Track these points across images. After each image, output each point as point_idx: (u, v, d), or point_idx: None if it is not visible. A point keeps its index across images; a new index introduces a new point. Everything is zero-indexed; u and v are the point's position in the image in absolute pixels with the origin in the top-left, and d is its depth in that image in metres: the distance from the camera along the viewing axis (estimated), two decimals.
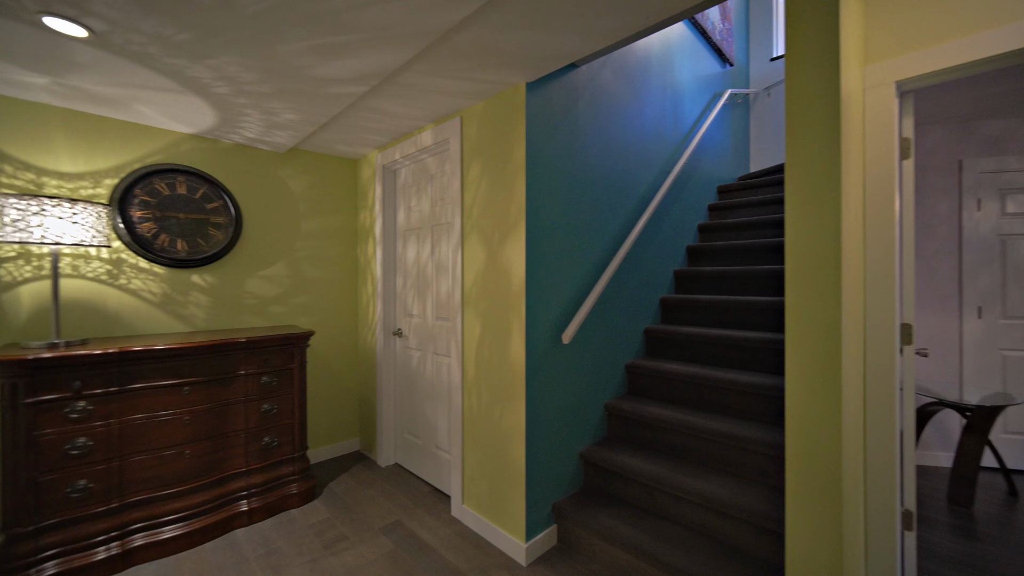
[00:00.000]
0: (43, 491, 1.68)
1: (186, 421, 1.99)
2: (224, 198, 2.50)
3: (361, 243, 3.09)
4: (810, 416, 1.18)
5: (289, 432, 2.33)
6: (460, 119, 2.20)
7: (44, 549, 1.67)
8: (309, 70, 1.71)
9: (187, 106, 2.05)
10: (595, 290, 2.13)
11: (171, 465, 1.96)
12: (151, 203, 2.26)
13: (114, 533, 1.80)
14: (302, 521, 2.19)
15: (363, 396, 3.08)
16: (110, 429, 1.81)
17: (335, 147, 2.82)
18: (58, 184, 2.05)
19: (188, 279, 2.41)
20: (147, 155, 2.28)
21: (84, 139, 2.11)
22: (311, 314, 2.90)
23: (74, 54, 1.59)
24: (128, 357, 1.83)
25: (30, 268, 1.97)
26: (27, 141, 1.97)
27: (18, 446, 1.63)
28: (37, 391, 1.66)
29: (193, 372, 2.02)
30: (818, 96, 1.22)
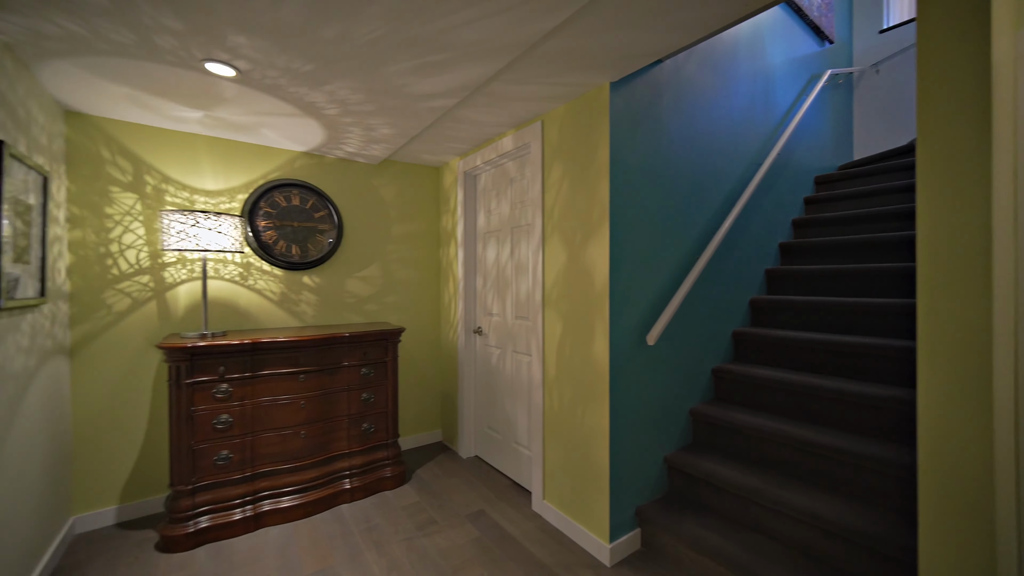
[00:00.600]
0: (198, 457, 2.01)
1: (302, 405, 2.26)
2: (329, 207, 2.79)
3: (443, 246, 3.27)
4: (950, 433, 1.05)
5: (384, 420, 2.55)
6: (541, 123, 2.26)
7: (198, 506, 2.00)
8: (407, 88, 1.87)
9: (303, 128, 2.32)
10: (680, 290, 2.07)
11: (289, 443, 2.24)
12: (272, 214, 2.60)
13: (248, 498, 2.11)
14: (396, 503, 2.38)
15: (445, 390, 3.26)
16: (244, 408, 2.12)
17: (421, 156, 3.02)
18: (204, 200, 2.43)
19: (300, 280, 2.73)
20: (269, 172, 2.62)
21: (223, 161, 2.48)
22: (399, 312, 3.13)
23: (222, 90, 1.88)
24: (259, 347, 2.13)
25: (185, 271, 2.37)
26: (183, 165, 2.37)
27: (181, 419, 1.97)
28: (194, 374, 1.99)
29: (307, 362, 2.29)
30: (960, 65, 1.08)
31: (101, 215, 2.16)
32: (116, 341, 2.19)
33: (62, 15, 1.35)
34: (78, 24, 1.39)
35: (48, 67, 1.67)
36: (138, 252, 2.25)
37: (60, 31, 1.43)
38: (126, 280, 2.22)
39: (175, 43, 1.50)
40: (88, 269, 2.13)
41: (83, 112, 2.11)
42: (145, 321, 2.26)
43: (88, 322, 2.13)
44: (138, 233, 2.25)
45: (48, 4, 1.30)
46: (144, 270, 2.26)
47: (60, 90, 1.87)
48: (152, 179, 2.28)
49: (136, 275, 2.24)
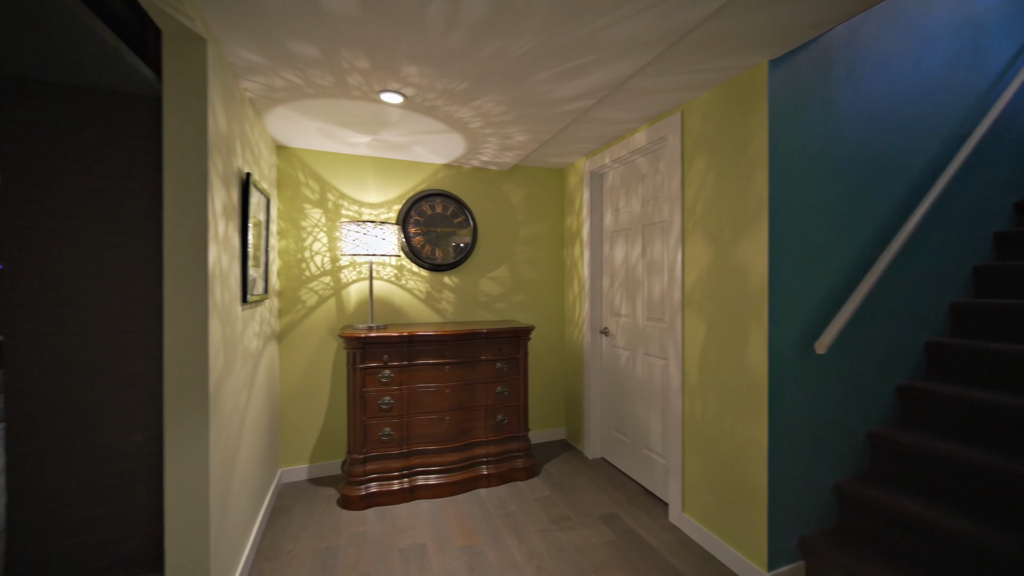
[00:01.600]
0: (368, 432, 2.35)
1: (447, 393, 2.50)
2: (466, 213, 3.03)
3: (567, 246, 3.31)
4: None
5: (516, 413, 2.67)
6: (680, 114, 2.14)
7: (368, 473, 2.34)
8: (547, 94, 1.93)
9: (447, 142, 2.56)
10: (857, 292, 1.77)
11: (437, 427, 2.48)
12: (420, 221, 2.92)
13: (405, 472, 2.40)
14: (528, 494, 2.48)
15: (569, 389, 3.29)
16: (403, 393, 2.42)
17: (547, 159, 3.10)
18: (369, 212, 2.84)
19: (441, 280, 3.02)
20: (418, 184, 2.95)
21: (383, 177, 2.86)
22: (526, 311, 3.26)
23: (388, 116, 2.17)
24: (413, 339, 2.41)
25: (355, 273, 2.80)
26: (354, 183, 2.80)
27: (356, 398, 2.33)
28: (366, 360, 2.34)
29: (450, 354, 2.52)
30: None
31: (298, 227, 2.67)
32: (307, 330, 2.69)
33: (289, 71, 1.70)
34: (298, 76, 1.74)
35: (272, 112, 2.12)
36: (323, 257, 2.72)
37: (285, 83, 1.81)
38: (314, 280, 2.71)
39: (361, 80, 1.79)
40: (290, 271, 2.65)
41: (287, 145, 2.62)
42: (327, 314, 2.73)
43: (290, 314, 2.65)
44: (323, 241, 2.72)
45: (281, 64, 1.65)
46: (326, 272, 2.73)
47: (275, 129, 2.36)
48: (332, 196, 2.75)
49: (321, 276, 2.72)
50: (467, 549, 1.96)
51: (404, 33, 1.45)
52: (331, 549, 1.96)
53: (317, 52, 1.56)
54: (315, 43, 1.51)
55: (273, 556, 1.91)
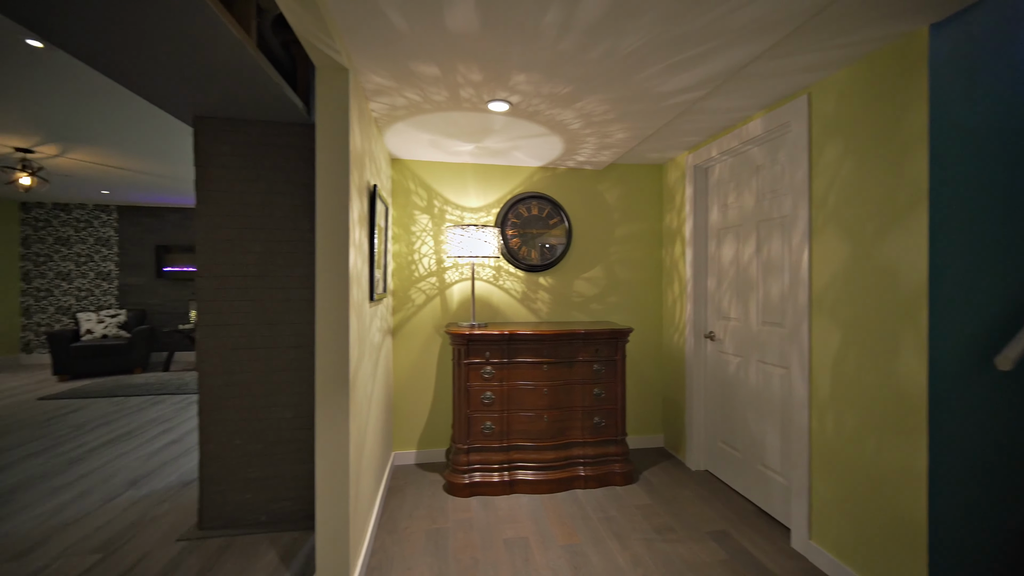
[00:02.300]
0: (471, 424, 2.49)
1: (544, 392, 2.54)
2: (561, 214, 3.05)
3: (666, 245, 3.16)
4: None
5: (613, 416, 2.62)
6: (807, 97, 1.92)
7: (471, 463, 2.47)
8: (655, 88, 1.87)
9: (546, 145, 2.61)
10: None
11: (535, 424, 2.54)
12: (517, 223, 3.00)
13: (505, 465, 2.49)
14: (627, 500, 2.41)
15: (668, 395, 3.14)
16: (503, 389, 2.51)
17: (646, 156, 2.99)
18: (470, 216, 3.00)
19: (536, 280, 3.08)
20: (515, 187, 3.05)
21: (483, 183, 3.01)
22: (621, 312, 3.18)
23: (492, 124, 2.28)
24: (513, 338, 2.49)
25: (457, 274, 2.97)
26: (456, 189, 2.97)
27: (460, 391, 2.48)
28: (470, 356, 2.48)
29: (548, 354, 2.55)
30: None
31: (409, 232, 2.92)
32: (417, 326, 2.92)
33: (410, 89, 1.87)
34: (417, 93, 1.91)
35: (391, 129, 2.35)
36: (429, 259, 2.94)
37: (406, 101, 1.99)
38: (422, 280, 2.93)
39: (472, 92, 1.90)
40: (401, 272, 2.91)
41: (400, 157, 2.88)
42: (433, 312, 2.94)
43: (402, 311, 2.91)
44: (429, 244, 2.94)
45: (404, 84, 1.82)
46: (432, 273, 2.94)
47: (392, 144, 2.61)
48: (438, 202, 2.95)
49: (428, 277, 2.94)
50: (569, 548, 1.97)
51: (517, 43, 1.51)
52: (441, 531, 2.11)
53: (437, 70, 1.70)
54: (436, 62, 1.64)
55: (392, 530, 2.11)
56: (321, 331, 1.56)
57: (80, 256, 6.27)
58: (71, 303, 6.26)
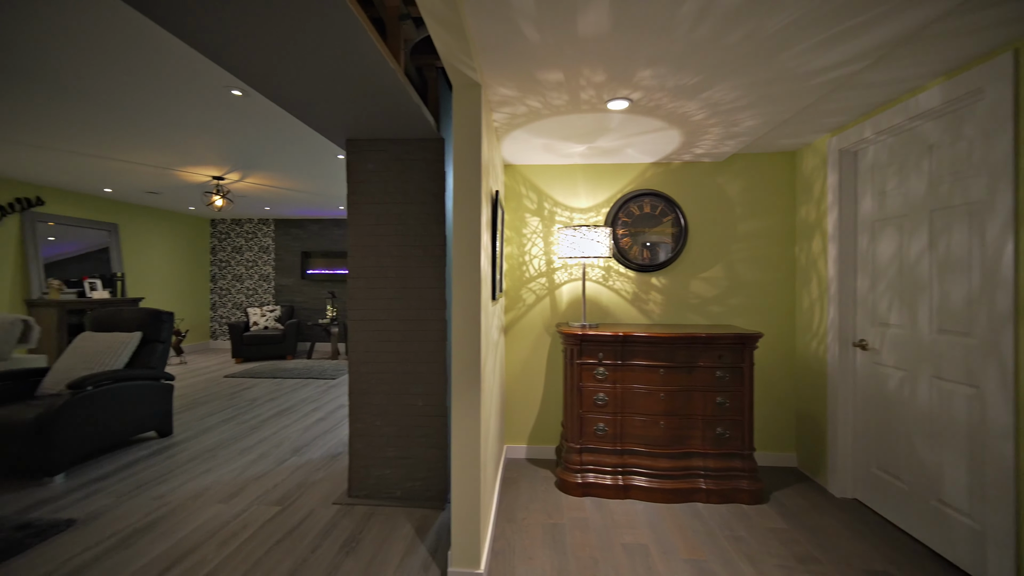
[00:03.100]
0: (583, 424, 2.49)
1: (661, 397, 2.44)
2: (675, 212, 2.91)
3: (801, 241, 2.81)
4: None
5: (739, 428, 2.42)
6: (1013, 53, 1.57)
7: (585, 463, 2.48)
8: (800, 68, 1.68)
9: (662, 140, 2.50)
10: None
11: (650, 429, 2.45)
12: (628, 222, 2.93)
13: (619, 469, 2.45)
14: (758, 521, 2.20)
15: (804, 410, 2.79)
16: (616, 391, 2.47)
17: (776, 143, 2.70)
18: (580, 217, 3.01)
19: (648, 281, 2.97)
20: (625, 186, 2.98)
21: (592, 183, 2.99)
22: (745, 315, 2.91)
23: (608, 123, 2.26)
24: (628, 340, 2.44)
25: (566, 275, 3.01)
26: (566, 191, 3.01)
27: (572, 391, 2.50)
28: (582, 356, 2.49)
29: (663, 357, 2.45)
30: None
31: (520, 234, 3.03)
32: (527, 325, 3.02)
33: (533, 97, 1.95)
34: (538, 100, 1.98)
35: (509, 136, 2.46)
36: (539, 260, 3.02)
37: (527, 109, 2.08)
38: (532, 281, 3.02)
39: (592, 93, 1.91)
40: (513, 273, 3.03)
41: (512, 163, 3.01)
42: (543, 311, 3.01)
43: (513, 311, 3.03)
44: (539, 246, 3.02)
45: (528, 93, 1.90)
46: (542, 274, 3.02)
47: (507, 150, 2.74)
48: (547, 204, 3.02)
49: (538, 277, 3.02)
50: (694, 563, 1.87)
51: (647, 38, 1.48)
52: (558, 527, 2.15)
53: (560, 75, 1.74)
54: (561, 68, 1.68)
55: (511, 519, 2.21)
56: (456, 328, 1.70)
57: (248, 261, 7.67)
58: (242, 300, 7.68)
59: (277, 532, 2.07)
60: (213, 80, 2.40)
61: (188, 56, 2.15)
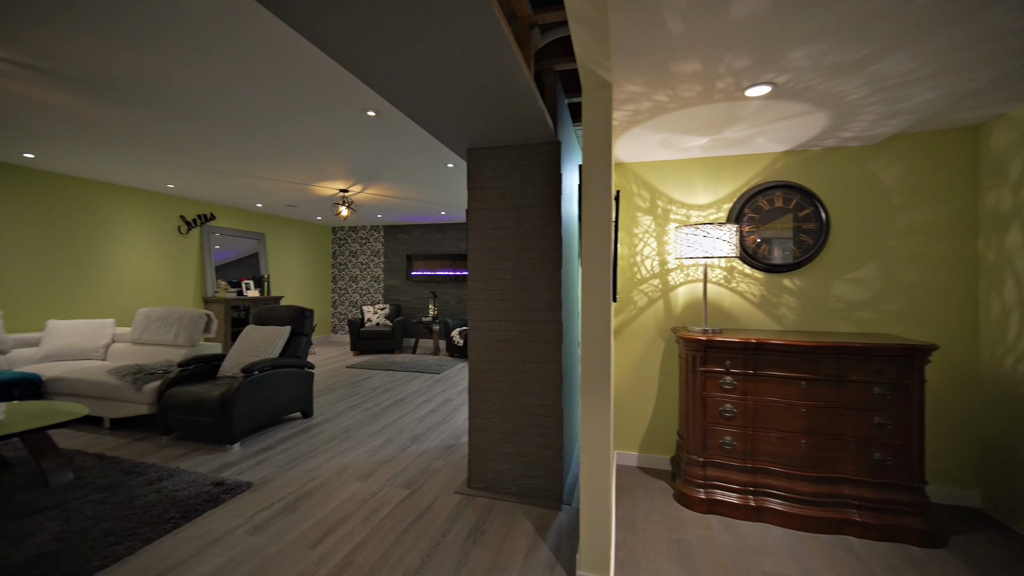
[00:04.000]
0: (707, 436, 2.33)
1: (802, 412, 2.18)
2: (814, 204, 2.58)
3: (988, 234, 2.31)
4: None
5: (903, 455, 2.07)
6: None
7: (709, 478, 2.31)
8: (1012, 24, 1.38)
9: (803, 125, 2.24)
10: None
11: (788, 448, 2.20)
12: (755, 218, 2.68)
13: (750, 488, 2.25)
14: (933, 568, 1.86)
15: (992, 439, 2.29)
16: (746, 403, 2.27)
17: (951, 118, 2.26)
18: (697, 214, 2.82)
19: (779, 282, 2.68)
20: (751, 179, 2.72)
21: (712, 177, 2.79)
22: (906, 323, 2.48)
23: (741, 111, 2.08)
24: (761, 347, 2.22)
25: (682, 276, 2.84)
26: (681, 187, 2.84)
27: (694, 400, 2.35)
28: (706, 363, 2.33)
29: (805, 369, 2.18)
30: None
31: (631, 234, 2.93)
32: (638, 329, 2.91)
33: (661, 91, 1.87)
34: (666, 94, 1.89)
35: (626, 134, 2.39)
36: (652, 261, 2.89)
37: (651, 104, 2.00)
38: (644, 283, 2.91)
39: (730, 81, 1.77)
40: (624, 274, 2.95)
41: (623, 161, 2.92)
42: (656, 315, 2.88)
43: (624, 313, 2.95)
44: (652, 246, 2.89)
45: (656, 88, 1.83)
46: (655, 275, 2.88)
47: (620, 149, 2.66)
48: (661, 202, 2.88)
49: (650, 279, 2.89)
50: None
51: (808, 13, 1.33)
52: (683, 543, 2.03)
53: (697, 66, 1.64)
54: (699, 57, 1.58)
55: (631, 529, 2.14)
56: (586, 331, 1.70)
57: (362, 264, 8.52)
58: (357, 299, 8.56)
59: (410, 514, 2.25)
60: (353, 103, 2.70)
61: (334, 83, 2.44)
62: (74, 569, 1.75)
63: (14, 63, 2.22)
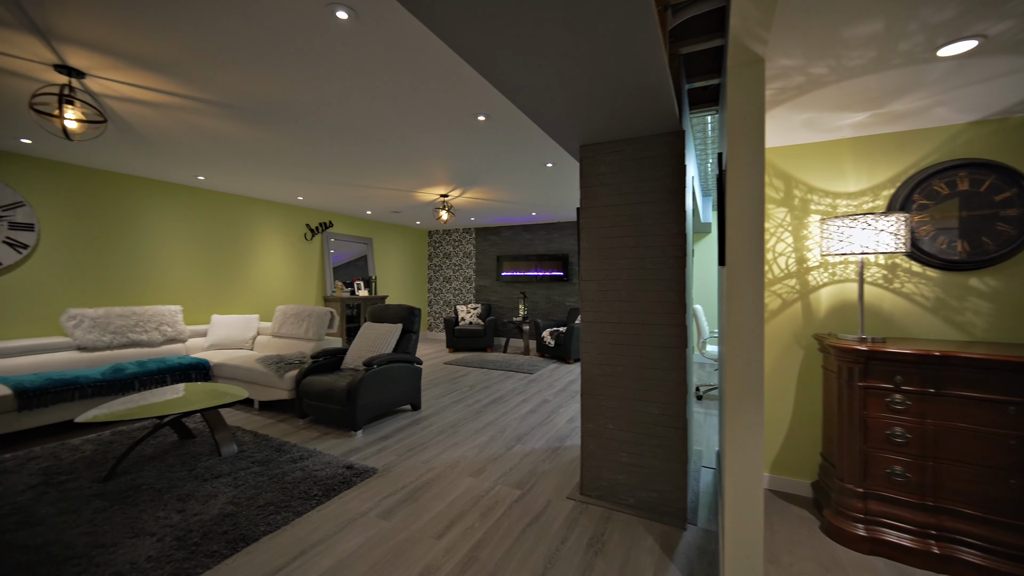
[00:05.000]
0: (869, 464, 1.98)
1: (1011, 445, 1.75)
2: (1018, 185, 2.07)
3: None
4: None
5: None
6: None
7: (871, 513, 1.97)
8: None
9: (1004, 88, 1.79)
10: None
11: (988, 487, 1.78)
12: (928, 205, 2.23)
13: (930, 531, 1.86)
14: None
15: None
16: (924, 427, 1.89)
17: None
18: (846, 203, 2.43)
19: (964, 282, 2.19)
20: (921, 158, 2.27)
21: (867, 160, 2.38)
22: None
23: (925, 76, 1.72)
24: (947, 361, 1.83)
25: (826, 275, 2.47)
26: (826, 173, 2.47)
27: (852, 420, 2.01)
28: (867, 378, 1.98)
29: (1012, 390, 1.75)
30: None
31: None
32: (770, 335, 2.59)
33: (821, 62, 1.61)
34: (826, 65, 1.63)
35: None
36: (786, 259, 2.56)
37: (804, 79, 1.75)
38: (777, 283, 2.58)
39: (920, 40, 1.47)
40: None
41: None
42: (791, 319, 2.54)
43: None
44: (787, 242, 2.56)
45: (813, 59, 1.58)
46: (790, 274, 2.55)
47: None
48: (799, 192, 2.53)
49: (785, 279, 2.56)
50: None
51: None
52: None
53: (879, 25, 1.39)
54: (884, 15, 1.33)
55: (773, 560, 1.90)
56: (734, 335, 1.52)
57: (455, 265, 8.91)
58: (450, 298, 8.97)
59: (525, 515, 2.24)
60: (466, 109, 2.78)
61: (452, 92, 2.53)
62: (248, 531, 2.03)
63: (196, 99, 2.64)
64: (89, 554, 1.85)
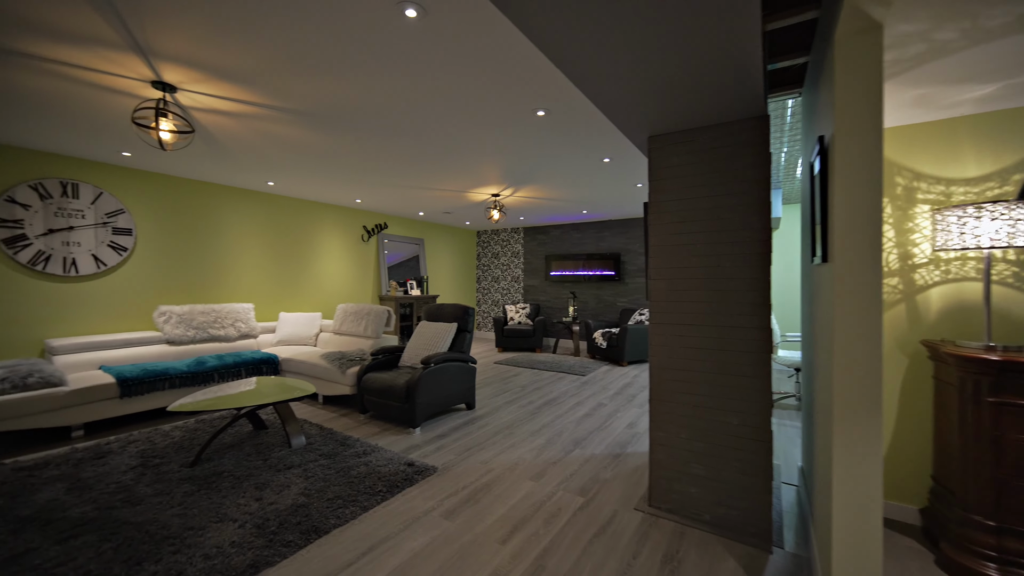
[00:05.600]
0: (1004, 493, 1.70)
1: None
2: None
3: None
4: None
5: None
6: None
7: (1006, 551, 1.69)
8: None
9: None
10: None
11: None
12: None
13: None
14: None
15: None
16: None
17: None
18: (964, 191, 2.12)
19: None
20: None
21: (992, 140, 2.06)
22: None
23: None
24: None
25: (938, 273, 2.16)
26: (937, 157, 2.17)
27: (980, 440, 1.74)
28: (1000, 392, 1.70)
29: None
30: None
31: None
32: None
33: (950, 25, 1.39)
34: (957, 29, 1.41)
35: None
36: (887, 255, 2.27)
37: (925, 47, 1.52)
38: None
39: None
40: None
41: None
42: (894, 324, 2.25)
43: None
44: (888, 236, 2.27)
45: (943, 21, 1.37)
46: (893, 272, 2.26)
47: None
48: (902, 179, 2.24)
49: (885, 278, 2.28)
50: None
51: None
52: None
53: None
54: None
55: None
56: (843, 339, 1.35)
57: (503, 265, 8.92)
58: (498, 298, 8.99)
59: (591, 524, 2.15)
60: (525, 104, 2.72)
61: (512, 86, 2.48)
62: (319, 523, 2.09)
63: (271, 107, 2.78)
64: (181, 535, 1.98)
